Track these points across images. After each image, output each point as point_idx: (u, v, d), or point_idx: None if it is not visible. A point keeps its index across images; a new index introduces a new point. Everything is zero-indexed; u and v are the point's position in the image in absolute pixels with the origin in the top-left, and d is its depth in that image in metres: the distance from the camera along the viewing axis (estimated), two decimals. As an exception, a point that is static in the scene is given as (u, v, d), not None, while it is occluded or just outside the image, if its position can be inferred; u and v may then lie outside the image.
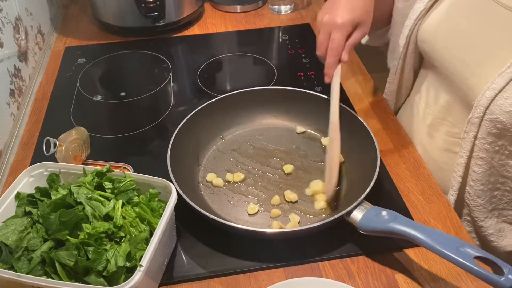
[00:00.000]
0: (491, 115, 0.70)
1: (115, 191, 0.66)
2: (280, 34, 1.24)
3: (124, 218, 0.62)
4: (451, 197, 0.80)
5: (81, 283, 0.58)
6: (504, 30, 0.72)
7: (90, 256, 0.58)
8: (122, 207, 0.64)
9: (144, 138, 0.92)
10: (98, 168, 0.68)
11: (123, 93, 1.05)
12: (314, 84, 1.03)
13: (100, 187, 0.67)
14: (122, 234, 0.61)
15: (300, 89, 0.90)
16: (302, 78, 1.06)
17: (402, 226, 0.64)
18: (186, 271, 0.69)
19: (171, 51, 1.19)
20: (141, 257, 0.58)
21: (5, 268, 0.60)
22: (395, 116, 0.97)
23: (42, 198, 0.66)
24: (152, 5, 1.16)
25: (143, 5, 1.16)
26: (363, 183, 0.72)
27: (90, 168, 0.69)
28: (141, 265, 0.57)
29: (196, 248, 0.72)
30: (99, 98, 1.04)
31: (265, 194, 0.79)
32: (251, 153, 0.86)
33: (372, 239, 0.68)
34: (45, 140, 0.76)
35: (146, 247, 0.59)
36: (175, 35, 1.24)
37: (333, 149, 0.77)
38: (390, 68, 0.96)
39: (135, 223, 0.63)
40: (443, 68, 0.80)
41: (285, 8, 1.32)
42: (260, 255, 0.70)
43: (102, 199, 0.64)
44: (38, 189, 0.67)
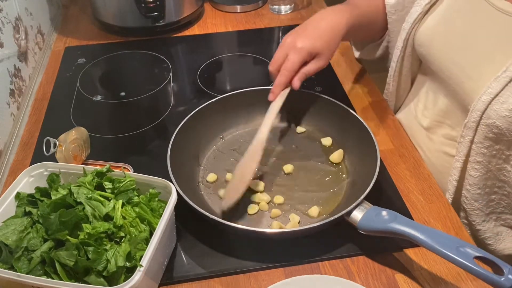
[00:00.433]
0: (488, 120, 0.70)
1: (115, 191, 0.66)
2: (280, 34, 1.24)
3: (124, 218, 0.62)
4: (448, 201, 0.80)
5: (81, 283, 0.58)
6: (500, 34, 0.72)
7: (90, 256, 0.58)
8: (122, 207, 0.64)
9: (144, 138, 0.92)
10: (98, 168, 0.68)
11: (123, 93, 1.05)
12: (314, 84, 1.03)
13: (100, 187, 0.67)
14: (122, 234, 0.61)
15: (300, 89, 0.89)
16: (302, 78, 1.06)
17: (402, 226, 0.64)
18: (186, 271, 0.69)
19: (171, 51, 1.19)
20: (141, 257, 0.58)
21: (5, 268, 0.60)
22: (395, 116, 0.97)
23: (42, 198, 0.66)
24: (152, 5, 1.16)
25: (143, 5, 1.16)
26: (363, 183, 0.71)
27: (90, 168, 0.69)
28: (141, 265, 0.57)
29: (196, 248, 0.72)
30: (99, 98, 1.04)
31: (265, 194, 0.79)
32: (251, 153, 0.86)
33: (372, 239, 0.68)
34: (45, 140, 0.76)
35: (146, 247, 0.59)
36: (175, 35, 1.24)
37: (250, 168, 0.74)
38: (389, 70, 0.96)
39: (135, 223, 0.63)
40: (440, 72, 0.80)
41: (285, 8, 1.32)
42: (260, 255, 0.70)
43: (102, 199, 0.64)
44: (38, 189, 0.67)
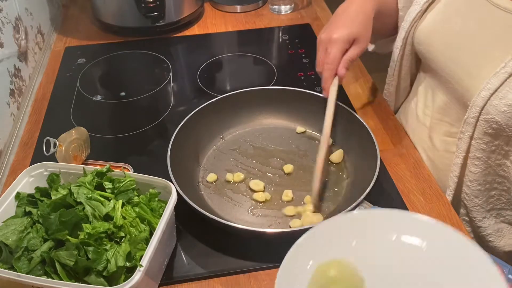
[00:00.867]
0: (487, 115, 0.70)
1: (115, 191, 0.66)
2: (280, 34, 1.24)
3: (124, 218, 0.62)
4: (449, 198, 0.81)
5: (81, 283, 0.58)
6: (499, 31, 0.72)
7: (90, 256, 0.58)
8: (122, 207, 0.63)
9: (144, 138, 0.92)
10: (98, 168, 0.68)
11: (123, 93, 1.05)
12: (314, 84, 1.03)
13: (100, 187, 0.67)
14: (122, 234, 0.61)
15: (300, 89, 0.90)
16: (302, 78, 1.06)
17: (402, 226, 0.64)
18: (186, 271, 0.69)
19: (171, 51, 1.19)
20: (141, 257, 0.58)
21: (5, 268, 0.60)
22: (395, 116, 0.97)
23: (42, 198, 0.66)
24: (152, 5, 1.16)
25: (143, 5, 1.16)
26: (363, 183, 0.71)
27: (90, 168, 0.69)
28: (141, 265, 0.57)
29: (196, 248, 0.72)
30: (99, 98, 1.04)
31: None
32: (251, 153, 0.86)
33: (372, 239, 0.68)
34: (45, 140, 0.76)
35: (146, 247, 0.59)
36: (175, 35, 1.24)
37: (318, 163, 0.76)
38: (388, 70, 0.96)
39: (135, 223, 0.63)
40: (439, 70, 0.80)
41: (285, 8, 1.32)
42: (260, 255, 0.70)
43: (102, 199, 0.64)
44: (38, 189, 0.67)
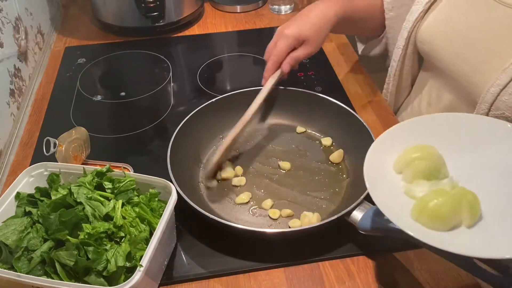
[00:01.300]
0: (497, 111, 0.70)
1: (115, 191, 0.66)
2: (280, 34, 1.24)
3: (124, 218, 0.62)
4: None
5: (81, 283, 0.58)
6: (503, 27, 0.72)
7: (90, 256, 0.58)
8: (122, 207, 0.63)
9: (144, 138, 0.92)
10: (98, 168, 0.68)
11: (123, 93, 1.05)
12: (314, 84, 1.03)
13: (100, 187, 0.67)
14: (122, 234, 0.61)
15: (300, 89, 0.90)
16: (302, 78, 1.06)
17: (402, 226, 0.64)
18: (186, 271, 0.69)
19: (171, 51, 1.19)
20: (141, 257, 0.58)
21: (5, 268, 0.60)
22: (395, 116, 0.97)
23: (42, 198, 0.66)
24: (152, 5, 1.16)
25: (143, 5, 1.16)
26: (363, 183, 0.71)
27: (90, 168, 0.69)
28: (141, 265, 0.57)
29: (196, 248, 0.72)
30: (99, 98, 1.04)
31: (265, 194, 0.79)
32: (251, 153, 0.86)
33: (372, 239, 0.68)
34: (45, 140, 0.76)
35: (146, 247, 0.59)
36: (175, 35, 1.24)
37: (228, 137, 0.80)
38: (388, 70, 0.96)
39: (135, 223, 0.63)
40: (445, 68, 0.80)
41: (285, 8, 1.32)
42: (260, 255, 0.70)
43: (102, 199, 0.64)
44: (38, 189, 0.67)
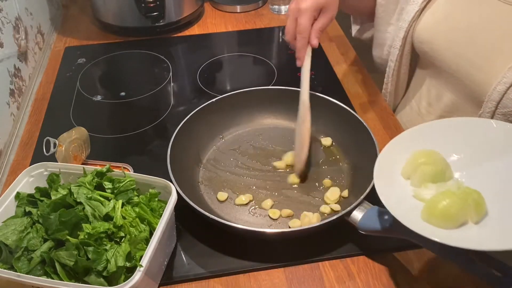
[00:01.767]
0: (504, 109, 0.70)
1: (115, 191, 0.66)
2: (280, 34, 1.24)
3: (124, 218, 0.62)
4: None
5: (81, 283, 0.58)
6: (505, 24, 0.72)
7: (90, 256, 0.58)
8: (122, 207, 0.63)
9: (144, 138, 0.92)
10: (98, 168, 0.68)
11: (123, 93, 1.05)
12: (314, 84, 1.03)
13: (100, 187, 0.67)
14: (122, 234, 0.61)
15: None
16: (302, 78, 1.06)
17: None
18: (186, 271, 0.69)
19: (171, 51, 1.19)
20: (141, 257, 0.58)
21: (5, 268, 0.60)
22: (395, 116, 0.97)
23: (42, 198, 0.66)
24: (152, 5, 1.16)
25: (143, 5, 1.16)
26: (363, 183, 0.71)
27: (90, 168, 0.69)
28: (141, 265, 0.57)
29: (196, 248, 0.72)
30: (99, 98, 1.04)
31: (265, 194, 0.79)
32: (251, 153, 0.86)
33: (372, 239, 0.68)
34: (45, 140, 0.76)
35: (146, 247, 0.59)
36: (175, 35, 1.24)
37: (304, 129, 0.79)
38: (386, 70, 0.96)
39: (135, 223, 0.63)
40: (446, 67, 0.80)
41: (285, 8, 1.32)
42: (260, 255, 0.70)
43: (102, 199, 0.64)
44: (38, 189, 0.67)
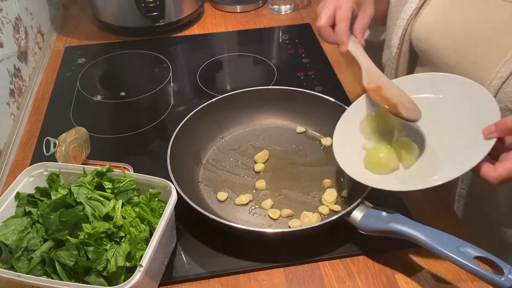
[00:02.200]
0: (499, 104, 0.70)
1: (115, 191, 0.66)
2: (280, 34, 1.24)
3: (124, 218, 0.62)
4: (463, 191, 0.81)
5: (81, 283, 0.58)
6: (502, 20, 0.72)
7: (90, 256, 0.58)
8: (122, 207, 0.63)
9: (144, 138, 0.92)
10: (98, 168, 0.68)
11: (123, 93, 1.05)
12: (314, 84, 1.03)
13: (100, 187, 0.67)
14: (122, 234, 0.61)
15: (300, 89, 0.90)
16: (302, 78, 1.06)
17: (402, 226, 0.64)
18: (186, 271, 0.69)
19: (171, 51, 1.19)
20: (141, 257, 0.58)
21: (5, 268, 0.60)
22: (395, 116, 0.97)
23: (42, 198, 0.66)
24: (152, 5, 1.16)
25: (143, 5, 1.16)
26: (363, 183, 0.71)
27: (90, 168, 0.69)
28: (141, 265, 0.57)
29: (196, 248, 0.72)
30: (99, 98, 1.04)
31: (266, 194, 0.79)
32: (251, 153, 0.86)
33: (372, 239, 0.68)
34: (45, 140, 0.76)
35: (146, 247, 0.59)
36: (175, 35, 1.24)
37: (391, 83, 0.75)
38: (384, 69, 0.96)
39: (135, 223, 0.63)
40: (444, 64, 0.80)
41: (285, 8, 1.32)
42: (260, 255, 0.70)
43: (102, 199, 0.64)
44: (38, 189, 0.67)
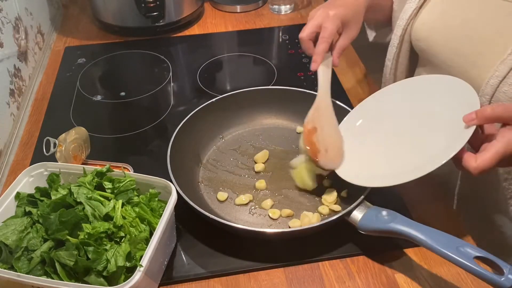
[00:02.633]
0: (497, 103, 0.70)
1: (115, 191, 0.66)
2: (280, 34, 1.24)
3: (124, 218, 0.62)
4: (463, 191, 0.81)
5: (81, 283, 0.58)
6: (500, 19, 0.72)
7: (90, 256, 0.58)
8: (122, 207, 0.63)
9: (144, 138, 0.92)
10: (98, 168, 0.68)
11: (123, 93, 1.05)
12: (314, 84, 1.02)
13: (100, 187, 0.67)
14: (122, 234, 0.61)
15: (300, 89, 0.90)
16: (302, 78, 1.06)
17: (402, 226, 0.64)
18: (186, 271, 0.69)
19: (171, 51, 1.19)
20: (141, 257, 0.58)
21: (5, 268, 0.60)
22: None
23: (42, 198, 0.66)
24: (152, 5, 1.16)
25: (143, 5, 1.16)
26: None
27: (90, 168, 0.69)
28: (141, 265, 0.57)
29: (196, 248, 0.72)
30: (99, 98, 1.04)
31: (266, 194, 0.79)
32: (251, 153, 0.86)
33: (372, 239, 0.68)
34: (45, 140, 0.76)
35: (146, 247, 0.59)
36: (175, 35, 1.24)
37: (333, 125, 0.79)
38: (384, 70, 0.96)
39: (135, 223, 0.63)
40: (442, 64, 0.81)
41: (285, 8, 1.32)
42: (260, 255, 0.70)
43: (102, 199, 0.64)
44: (38, 189, 0.67)
